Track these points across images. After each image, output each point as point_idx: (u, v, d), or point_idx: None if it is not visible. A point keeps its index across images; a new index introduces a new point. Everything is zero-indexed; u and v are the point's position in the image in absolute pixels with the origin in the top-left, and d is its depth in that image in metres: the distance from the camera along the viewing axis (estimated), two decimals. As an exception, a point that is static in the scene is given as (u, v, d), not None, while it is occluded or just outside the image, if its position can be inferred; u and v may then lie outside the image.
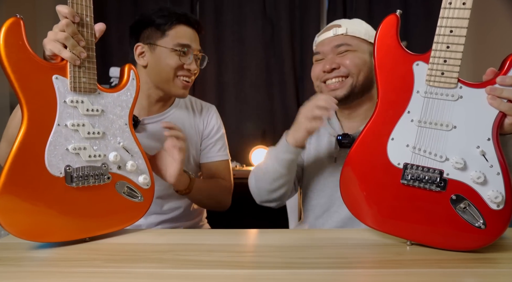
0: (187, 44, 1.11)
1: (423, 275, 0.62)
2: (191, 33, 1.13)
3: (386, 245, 0.78)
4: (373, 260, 0.69)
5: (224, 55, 2.99)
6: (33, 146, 0.72)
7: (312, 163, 1.11)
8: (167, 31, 1.11)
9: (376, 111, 0.78)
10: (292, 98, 2.94)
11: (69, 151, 0.75)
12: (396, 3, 2.86)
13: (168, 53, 1.10)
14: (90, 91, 0.78)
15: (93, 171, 0.78)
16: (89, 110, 0.78)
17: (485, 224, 0.69)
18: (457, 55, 0.70)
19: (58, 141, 0.74)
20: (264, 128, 2.95)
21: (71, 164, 0.75)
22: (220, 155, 1.26)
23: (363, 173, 0.79)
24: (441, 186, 0.72)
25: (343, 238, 0.83)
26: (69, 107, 0.76)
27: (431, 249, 0.75)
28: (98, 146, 0.79)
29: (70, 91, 0.75)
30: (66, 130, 0.75)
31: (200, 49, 1.16)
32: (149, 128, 1.17)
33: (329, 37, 1.04)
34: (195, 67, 1.13)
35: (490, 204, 0.69)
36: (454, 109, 0.71)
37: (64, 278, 0.61)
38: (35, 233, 0.73)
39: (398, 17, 0.78)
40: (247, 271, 0.63)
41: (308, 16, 2.93)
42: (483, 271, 0.65)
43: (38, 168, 0.72)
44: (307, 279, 0.60)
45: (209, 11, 2.97)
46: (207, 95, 3.00)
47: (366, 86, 1.03)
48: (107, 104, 0.81)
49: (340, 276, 0.62)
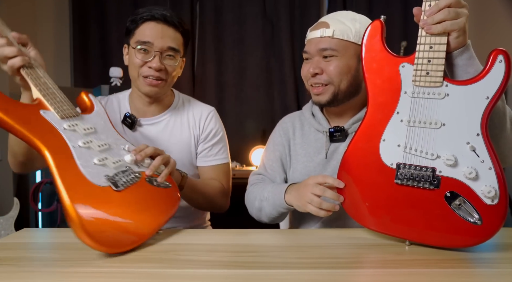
0: (147, 41, 1.07)
1: (423, 275, 0.62)
2: (156, 30, 1.08)
3: (385, 245, 0.78)
4: (373, 260, 0.69)
5: (224, 55, 2.99)
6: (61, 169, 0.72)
7: (301, 164, 1.08)
8: (135, 30, 1.11)
9: (367, 113, 0.80)
10: (292, 98, 2.94)
11: (96, 165, 0.78)
12: (396, 3, 2.86)
13: (133, 52, 1.10)
14: (76, 114, 0.85)
15: (124, 175, 0.81)
16: (85, 129, 0.84)
17: (481, 220, 0.69)
18: (440, 54, 0.72)
19: (83, 158, 0.77)
20: (264, 128, 2.95)
21: (107, 173, 0.78)
22: (218, 159, 1.24)
23: (358, 175, 0.80)
24: (434, 184, 0.72)
25: (343, 238, 0.83)
26: (70, 132, 0.80)
27: (431, 249, 0.75)
28: (112, 154, 0.84)
29: (61, 120, 0.81)
30: (82, 149, 0.78)
31: (171, 47, 1.10)
32: (144, 129, 1.18)
33: (316, 37, 0.99)
34: (156, 65, 1.07)
35: (484, 199, 0.69)
36: (442, 107, 0.72)
37: (64, 278, 0.61)
38: (116, 243, 0.72)
39: (382, 22, 0.80)
40: (247, 271, 0.63)
41: (308, 16, 2.93)
42: (483, 271, 0.65)
43: (83, 182, 0.73)
44: (306, 279, 0.60)
45: (209, 11, 2.97)
46: (207, 95, 3.01)
47: (351, 92, 1.00)
48: (93, 123, 0.88)
49: (339, 276, 0.62)
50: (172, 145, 1.18)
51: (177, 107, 1.23)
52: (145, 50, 1.08)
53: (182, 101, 1.26)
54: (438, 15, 0.71)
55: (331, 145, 1.04)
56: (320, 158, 1.05)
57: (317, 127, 1.07)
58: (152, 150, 0.91)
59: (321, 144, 1.06)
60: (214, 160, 1.23)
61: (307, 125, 1.11)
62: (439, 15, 0.71)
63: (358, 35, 0.97)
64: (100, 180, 0.75)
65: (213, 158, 1.23)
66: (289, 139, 1.12)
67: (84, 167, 0.75)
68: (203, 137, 1.22)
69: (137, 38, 1.09)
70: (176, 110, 1.22)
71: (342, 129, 1.02)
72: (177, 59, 1.12)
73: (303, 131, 1.11)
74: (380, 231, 0.79)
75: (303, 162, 1.07)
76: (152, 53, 1.08)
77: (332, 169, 1.02)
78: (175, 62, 1.12)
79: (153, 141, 1.18)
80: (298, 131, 1.11)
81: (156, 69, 1.08)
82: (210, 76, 3.00)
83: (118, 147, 0.87)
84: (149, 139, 1.18)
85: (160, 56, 1.09)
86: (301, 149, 1.09)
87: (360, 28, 0.98)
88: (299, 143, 1.10)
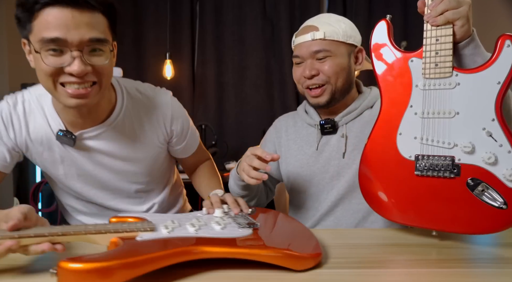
0: (56, 37, 0.73)
1: (423, 275, 0.62)
2: (65, 19, 0.73)
3: (385, 245, 0.78)
4: (373, 260, 0.69)
5: (224, 55, 2.99)
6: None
7: (293, 157, 1.11)
8: (32, 23, 0.75)
9: (381, 110, 0.82)
10: (292, 98, 2.95)
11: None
12: (396, 3, 2.87)
13: (39, 57, 0.76)
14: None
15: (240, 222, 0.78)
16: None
17: (506, 204, 0.69)
18: (447, 45, 0.74)
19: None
20: (264, 128, 2.95)
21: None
22: (193, 145, 1.13)
23: (379, 169, 0.82)
24: (454, 172, 0.73)
25: (343, 238, 0.83)
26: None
27: (431, 249, 0.75)
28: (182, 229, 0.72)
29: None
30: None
31: (94, 38, 0.76)
32: (89, 143, 0.93)
33: (307, 41, 1.01)
34: (79, 68, 0.75)
35: (507, 183, 0.69)
36: (454, 97, 0.73)
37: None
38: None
39: (388, 21, 0.83)
40: (247, 271, 0.63)
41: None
42: (483, 271, 0.65)
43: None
44: (307, 279, 0.60)
45: (209, 11, 2.97)
46: (207, 95, 3.01)
47: (346, 89, 1.04)
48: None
49: (339, 276, 0.62)
50: (137, 150, 0.98)
51: (124, 104, 0.94)
52: (55, 50, 0.75)
53: (128, 93, 0.96)
54: (440, 6, 0.73)
55: (322, 137, 1.07)
56: (312, 151, 1.08)
57: (309, 122, 1.11)
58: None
59: (313, 137, 1.09)
60: (192, 147, 1.13)
61: (300, 122, 1.14)
62: (441, 6, 0.73)
63: (345, 34, 1.01)
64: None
65: (191, 147, 1.13)
66: (281, 136, 1.16)
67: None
68: (174, 139, 1.06)
69: (39, 35, 0.74)
70: (126, 110, 0.94)
71: (332, 121, 1.05)
72: (105, 52, 0.80)
73: (296, 127, 1.14)
74: (406, 223, 0.80)
75: (296, 156, 1.11)
76: (68, 53, 0.75)
77: (324, 160, 1.05)
78: (105, 57, 0.80)
79: (108, 153, 0.95)
80: (291, 128, 1.15)
81: (80, 74, 0.76)
82: (210, 76, 3.00)
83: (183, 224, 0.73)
84: (100, 152, 0.95)
85: (81, 54, 0.76)
86: (294, 144, 1.12)
87: (346, 27, 1.02)
88: (292, 138, 1.14)
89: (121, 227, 0.65)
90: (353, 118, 1.05)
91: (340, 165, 1.03)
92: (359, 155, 0.85)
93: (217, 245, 0.63)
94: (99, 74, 0.80)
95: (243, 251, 0.63)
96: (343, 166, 1.03)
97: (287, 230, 0.77)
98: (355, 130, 1.04)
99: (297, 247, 0.65)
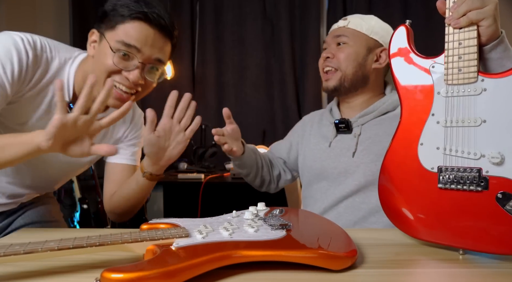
0: (133, 45, 0.87)
1: (423, 275, 0.62)
2: (148, 35, 0.88)
3: (386, 245, 0.78)
4: (373, 260, 0.69)
5: (224, 55, 2.99)
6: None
7: (309, 150, 1.18)
8: (118, 25, 0.88)
9: (401, 118, 0.78)
10: (292, 98, 2.94)
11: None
12: (396, 3, 2.86)
13: (108, 51, 0.88)
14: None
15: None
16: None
17: None
18: (471, 49, 0.69)
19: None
20: (264, 128, 2.95)
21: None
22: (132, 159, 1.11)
23: (399, 182, 0.77)
24: (482, 185, 0.67)
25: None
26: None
27: (430, 249, 0.75)
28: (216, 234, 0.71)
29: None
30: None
31: (159, 59, 0.91)
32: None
33: (334, 29, 1.15)
34: (135, 78, 0.88)
35: None
36: (480, 103, 0.68)
37: (64, 278, 0.61)
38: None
39: (407, 26, 0.81)
40: (247, 271, 0.62)
41: (308, 16, 2.93)
42: (483, 271, 0.65)
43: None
44: (307, 279, 0.60)
45: (209, 11, 2.97)
46: (207, 95, 3.01)
47: (357, 80, 1.10)
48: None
49: (339, 276, 0.62)
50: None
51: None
52: (125, 54, 0.88)
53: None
54: (463, 6, 0.69)
55: (337, 135, 1.13)
56: (325, 146, 1.15)
57: (330, 120, 1.18)
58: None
59: (331, 134, 1.15)
60: (131, 159, 1.12)
61: (325, 119, 1.22)
62: (463, 6, 0.69)
63: (370, 29, 1.09)
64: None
65: (130, 157, 1.12)
66: (305, 130, 1.25)
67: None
68: (129, 138, 1.11)
69: (120, 37, 0.87)
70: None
71: (346, 121, 1.10)
72: (159, 71, 0.95)
73: (320, 124, 1.22)
74: (431, 240, 0.74)
75: (312, 150, 1.18)
76: (135, 62, 0.89)
77: (334, 156, 1.11)
78: (157, 76, 0.95)
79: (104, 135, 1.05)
80: (316, 124, 1.23)
81: (134, 84, 0.90)
82: (210, 76, 3.00)
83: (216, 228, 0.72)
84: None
85: (142, 67, 0.90)
86: (314, 139, 1.20)
87: (374, 24, 1.10)
88: (313, 134, 1.21)
89: (156, 235, 0.65)
90: (370, 119, 1.07)
91: (349, 163, 1.07)
92: (368, 156, 0.86)
93: (254, 249, 0.63)
94: (145, 87, 0.94)
95: (281, 253, 0.62)
96: (351, 164, 1.06)
97: (320, 229, 0.75)
98: (370, 132, 1.06)
99: (333, 246, 0.65)
